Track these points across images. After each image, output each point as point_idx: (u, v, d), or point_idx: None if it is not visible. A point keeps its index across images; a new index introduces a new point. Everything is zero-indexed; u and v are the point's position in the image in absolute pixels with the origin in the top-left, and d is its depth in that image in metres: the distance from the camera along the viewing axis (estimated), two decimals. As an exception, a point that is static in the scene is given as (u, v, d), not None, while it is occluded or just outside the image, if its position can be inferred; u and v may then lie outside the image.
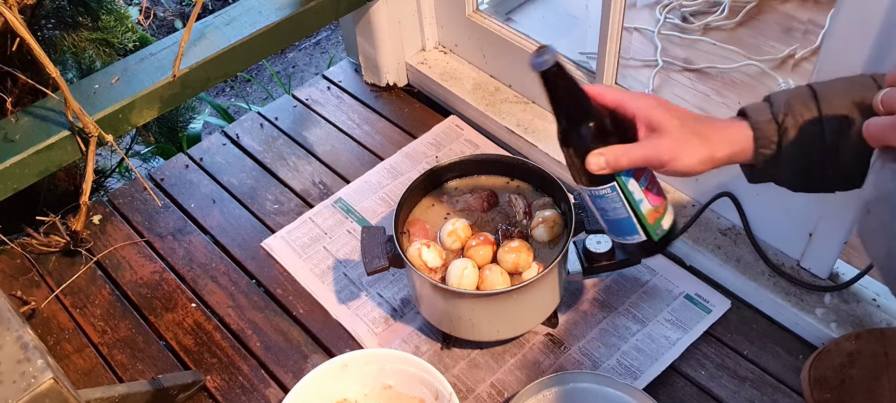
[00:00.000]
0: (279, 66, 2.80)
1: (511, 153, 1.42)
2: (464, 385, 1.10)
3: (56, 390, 0.69)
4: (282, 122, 1.56)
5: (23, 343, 0.71)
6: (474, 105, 1.47)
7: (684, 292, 1.17)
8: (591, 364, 1.10)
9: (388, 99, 1.60)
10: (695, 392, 1.07)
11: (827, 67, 0.96)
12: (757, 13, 1.70)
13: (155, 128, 1.85)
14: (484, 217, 1.10)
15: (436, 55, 1.59)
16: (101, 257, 1.32)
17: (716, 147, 0.77)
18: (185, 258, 1.32)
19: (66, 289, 1.28)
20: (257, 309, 1.23)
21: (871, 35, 0.89)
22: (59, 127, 1.15)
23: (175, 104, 1.26)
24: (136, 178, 1.48)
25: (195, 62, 1.23)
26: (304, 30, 1.38)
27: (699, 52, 1.62)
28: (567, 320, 1.16)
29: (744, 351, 1.10)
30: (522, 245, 1.02)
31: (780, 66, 1.56)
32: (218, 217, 1.38)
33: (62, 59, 1.47)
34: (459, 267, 1.00)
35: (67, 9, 1.43)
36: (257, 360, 1.16)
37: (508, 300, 1.00)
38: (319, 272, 1.27)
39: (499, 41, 1.46)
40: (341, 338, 1.18)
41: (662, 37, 1.66)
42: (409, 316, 1.19)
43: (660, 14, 1.70)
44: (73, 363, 1.18)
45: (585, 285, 1.20)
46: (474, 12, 1.49)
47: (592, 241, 1.10)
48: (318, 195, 1.41)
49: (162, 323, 1.22)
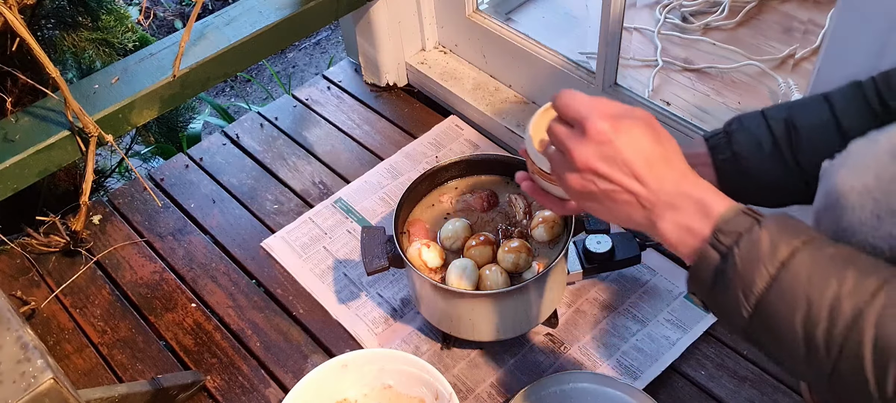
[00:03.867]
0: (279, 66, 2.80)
1: (511, 153, 1.42)
2: (464, 385, 1.10)
3: (56, 390, 0.69)
4: (282, 122, 1.56)
5: (23, 343, 0.71)
6: (474, 105, 1.47)
7: (684, 292, 1.17)
8: (591, 364, 1.10)
9: (388, 99, 1.60)
10: (695, 392, 1.07)
11: (827, 67, 0.96)
12: (757, 13, 1.70)
13: (155, 128, 1.85)
14: (484, 217, 1.10)
15: (436, 55, 1.59)
16: (101, 257, 1.32)
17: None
18: (185, 258, 1.32)
19: (66, 289, 1.28)
20: (257, 309, 1.23)
21: (871, 35, 0.89)
22: (59, 127, 1.15)
23: (175, 104, 1.26)
24: (136, 178, 1.48)
25: (195, 62, 1.23)
26: (304, 30, 1.38)
27: (699, 52, 1.62)
28: (567, 320, 1.16)
29: (744, 351, 1.10)
30: (522, 245, 1.02)
31: (780, 66, 1.56)
32: (218, 217, 1.38)
33: (62, 59, 1.47)
34: (459, 267, 1.00)
35: (67, 9, 1.43)
36: (257, 360, 1.16)
37: (508, 300, 1.00)
38: (319, 272, 1.27)
39: (499, 41, 1.46)
40: (341, 338, 1.18)
41: (662, 37, 1.65)
42: (409, 316, 1.19)
43: (660, 14, 1.70)
44: (73, 363, 1.18)
45: (585, 285, 1.20)
46: (474, 12, 1.49)
47: (592, 241, 1.10)
48: (318, 195, 1.41)
49: (162, 323, 1.22)
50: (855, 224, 0.59)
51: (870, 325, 0.51)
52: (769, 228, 0.57)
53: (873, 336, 0.51)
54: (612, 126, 0.64)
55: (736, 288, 0.58)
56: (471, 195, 1.12)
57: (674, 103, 1.49)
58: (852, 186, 0.59)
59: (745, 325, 0.59)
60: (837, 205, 0.60)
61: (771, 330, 0.57)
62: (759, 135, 0.77)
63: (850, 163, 0.61)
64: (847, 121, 0.73)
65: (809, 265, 0.55)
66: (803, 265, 0.55)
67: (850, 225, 0.60)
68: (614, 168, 0.64)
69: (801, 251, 0.56)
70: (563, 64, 1.37)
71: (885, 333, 0.51)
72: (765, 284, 0.56)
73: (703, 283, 0.61)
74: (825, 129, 0.74)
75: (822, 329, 0.53)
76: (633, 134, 0.64)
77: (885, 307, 0.51)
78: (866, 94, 0.73)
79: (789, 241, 0.56)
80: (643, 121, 0.66)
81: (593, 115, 0.65)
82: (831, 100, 0.75)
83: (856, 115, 0.73)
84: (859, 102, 0.74)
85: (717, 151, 0.79)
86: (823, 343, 0.53)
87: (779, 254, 0.56)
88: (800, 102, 0.78)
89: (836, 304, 0.53)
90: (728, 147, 0.78)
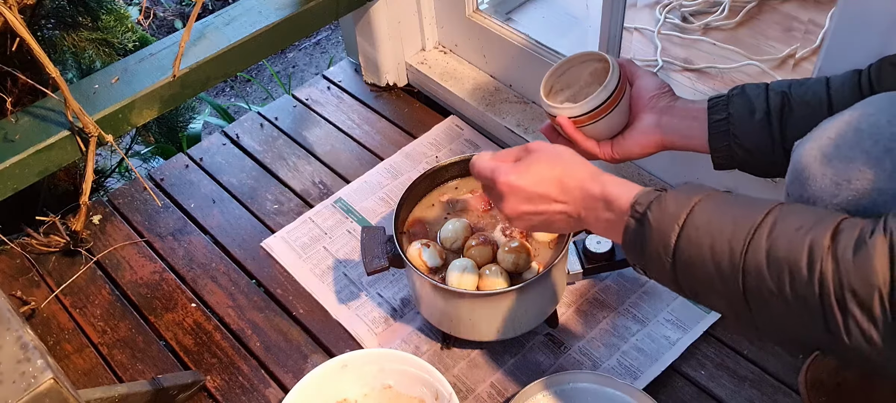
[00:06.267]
0: (279, 65, 2.80)
1: (511, 153, 1.41)
2: (464, 385, 1.10)
3: (56, 390, 0.69)
4: (282, 122, 1.56)
5: (23, 343, 0.71)
6: (474, 105, 1.47)
7: (684, 292, 1.17)
8: (591, 364, 1.10)
9: (388, 99, 1.60)
10: (695, 392, 1.07)
11: (827, 67, 0.96)
12: (757, 13, 1.70)
13: (155, 128, 1.85)
14: (484, 217, 1.10)
15: (436, 55, 1.59)
16: (101, 257, 1.32)
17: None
18: (185, 258, 1.32)
19: (66, 289, 1.28)
20: (257, 309, 1.23)
21: (871, 35, 0.89)
22: (59, 127, 1.15)
23: (175, 104, 1.26)
24: (136, 178, 1.48)
25: (195, 62, 1.23)
26: (304, 30, 1.38)
27: (699, 52, 1.62)
28: (567, 320, 1.16)
29: (743, 351, 1.10)
30: (522, 245, 1.02)
31: (780, 66, 1.56)
32: (218, 217, 1.38)
33: (62, 59, 1.47)
34: (459, 267, 1.00)
35: (67, 9, 1.42)
36: (257, 360, 1.16)
37: (508, 300, 1.00)
38: (319, 272, 1.27)
39: (499, 41, 1.46)
40: (341, 338, 1.18)
41: (662, 37, 1.65)
42: (409, 316, 1.19)
43: (660, 14, 1.70)
44: (73, 363, 1.18)
45: (585, 285, 1.20)
46: (474, 12, 1.49)
47: (592, 241, 1.10)
48: (318, 195, 1.40)
49: (162, 323, 1.22)
50: (817, 193, 0.64)
51: (763, 241, 0.60)
52: (674, 193, 0.67)
53: (766, 249, 0.59)
54: (516, 174, 0.77)
55: (656, 245, 0.67)
56: (471, 195, 1.12)
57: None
58: (815, 157, 0.65)
59: (672, 276, 0.68)
60: (802, 176, 0.66)
61: (690, 274, 0.66)
62: (756, 103, 0.82)
63: (815, 136, 0.66)
64: (839, 104, 0.76)
65: (709, 211, 0.64)
66: (704, 212, 0.64)
67: (812, 194, 0.65)
68: (535, 203, 0.78)
69: (702, 201, 0.65)
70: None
71: (776, 246, 0.59)
72: (675, 236, 0.65)
73: (632, 252, 0.71)
74: (818, 108, 0.79)
75: (726, 258, 0.62)
76: (534, 170, 0.77)
77: (772, 226, 0.60)
78: (861, 81, 0.77)
79: (690, 197, 0.66)
80: (536, 153, 0.78)
81: (497, 173, 0.79)
82: (830, 82, 0.80)
83: (848, 100, 0.75)
84: (853, 88, 0.77)
85: (714, 111, 0.85)
86: (729, 270, 0.62)
87: (683, 209, 0.65)
88: (801, 80, 0.82)
89: (733, 234, 0.62)
90: (725, 108, 0.84)
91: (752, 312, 0.63)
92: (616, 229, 0.73)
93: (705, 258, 0.63)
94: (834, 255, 0.55)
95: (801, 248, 0.57)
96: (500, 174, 0.78)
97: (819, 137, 0.66)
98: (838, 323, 0.56)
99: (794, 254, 0.57)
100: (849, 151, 0.63)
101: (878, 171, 0.61)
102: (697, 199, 0.65)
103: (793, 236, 0.58)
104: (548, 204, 0.77)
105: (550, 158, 0.78)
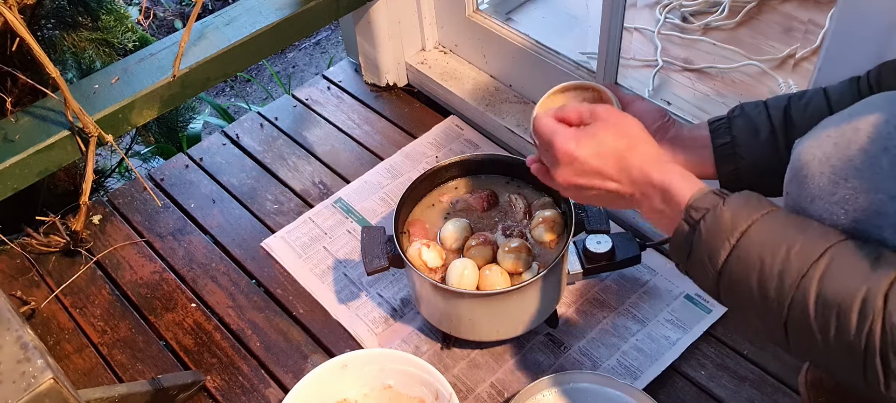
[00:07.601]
0: (279, 66, 2.80)
1: (511, 153, 1.42)
2: (464, 385, 1.10)
3: (56, 390, 0.69)
4: (282, 122, 1.56)
5: (23, 343, 0.71)
6: (474, 105, 1.47)
7: (684, 292, 1.17)
8: (591, 364, 1.10)
9: (388, 99, 1.60)
10: (695, 392, 1.07)
11: (827, 67, 0.96)
12: (757, 13, 1.70)
13: (155, 128, 1.85)
14: (484, 217, 1.10)
15: (436, 55, 1.59)
16: (101, 257, 1.32)
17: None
18: (185, 258, 1.32)
19: (66, 289, 1.28)
20: (257, 309, 1.23)
21: (871, 35, 0.89)
22: (59, 127, 1.14)
23: (175, 104, 1.26)
24: (135, 178, 1.48)
25: (195, 62, 1.23)
26: (304, 30, 1.38)
27: (699, 52, 1.62)
28: (567, 320, 1.16)
29: (744, 351, 1.10)
30: (522, 245, 1.02)
31: (780, 66, 1.56)
32: (218, 217, 1.38)
33: (62, 59, 1.46)
34: (459, 267, 1.00)
35: (67, 9, 1.42)
36: (257, 360, 1.16)
37: (508, 300, 1.00)
38: (319, 272, 1.27)
39: (499, 41, 1.46)
40: (341, 338, 1.18)
41: (662, 37, 1.65)
42: (409, 316, 1.19)
43: (660, 14, 1.70)
44: (73, 363, 1.18)
45: (585, 285, 1.20)
46: (474, 12, 1.49)
47: (592, 241, 1.10)
48: (318, 195, 1.40)
49: (162, 323, 1.22)
50: (815, 191, 0.64)
51: (814, 282, 0.59)
52: (732, 205, 0.65)
53: (817, 290, 0.58)
54: (576, 143, 0.74)
55: (703, 255, 0.66)
56: (471, 195, 1.12)
57: (674, 103, 1.49)
58: (814, 155, 0.65)
59: (714, 288, 0.67)
60: (801, 174, 0.66)
61: (733, 291, 0.65)
62: (758, 122, 0.81)
63: (814, 135, 0.66)
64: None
65: (765, 233, 0.63)
66: (759, 233, 0.63)
67: (810, 192, 0.65)
68: (588, 177, 0.75)
69: (759, 222, 0.64)
70: (564, 64, 1.37)
71: (827, 290, 0.58)
72: (726, 253, 0.64)
73: (679, 253, 0.70)
74: (819, 120, 0.77)
75: (774, 287, 0.61)
76: (596, 140, 0.74)
77: (828, 267, 0.59)
78: (860, 88, 0.77)
79: (749, 215, 0.64)
80: (603, 120, 0.75)
81: (556, 139, 0.75)
82: (829, 93, 0.79)
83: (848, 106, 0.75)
84: (853, 96, 0.77)
85: (717, 135, 0.83)
86: (775, 300, 0.61)
87: (738, 227, 0.64)
88: (799, 93, 0.81)
89: (785, 265, 0.61)
90: (727, 132, 0.83)
91: (788, 340, 0.62)
92: (667, 223, 0.71)
93: (752, 282, 0.63)
94: (885, 316, 0.55)
95: (852, 301, 0.56)
96: (559, 139, 0.75)
97: (818, 136, 0.66)
98: (878, 378, 0.56)
99: (845, 305, 0.57)
100: (847, 150, 0.63)
101: (876, 170, 0.61)
102: (756, 217, 0.64)
103: (847, 284, 0.57)
104: (602, 181, 0.74)
105: (617, 130, 0.74)
